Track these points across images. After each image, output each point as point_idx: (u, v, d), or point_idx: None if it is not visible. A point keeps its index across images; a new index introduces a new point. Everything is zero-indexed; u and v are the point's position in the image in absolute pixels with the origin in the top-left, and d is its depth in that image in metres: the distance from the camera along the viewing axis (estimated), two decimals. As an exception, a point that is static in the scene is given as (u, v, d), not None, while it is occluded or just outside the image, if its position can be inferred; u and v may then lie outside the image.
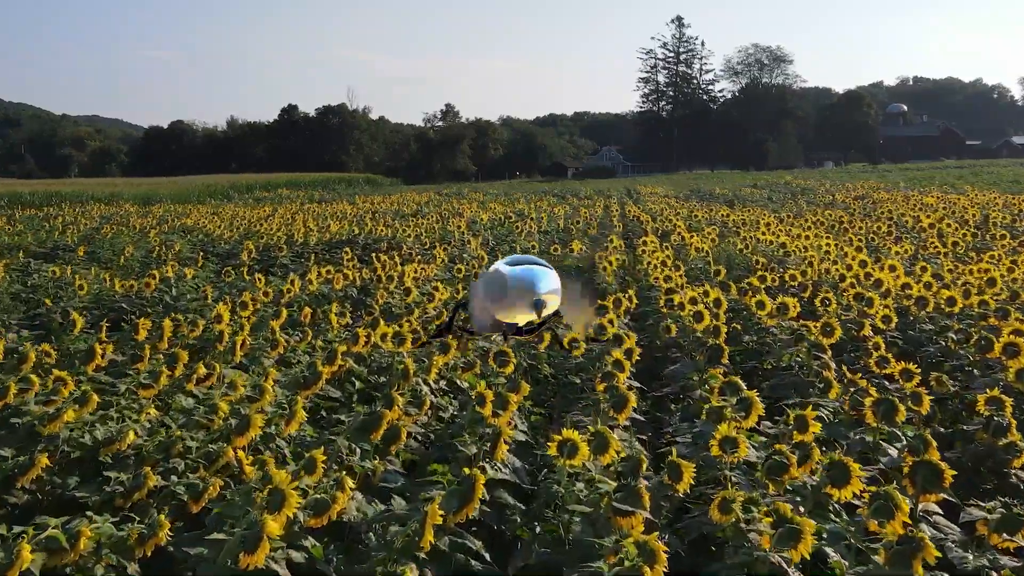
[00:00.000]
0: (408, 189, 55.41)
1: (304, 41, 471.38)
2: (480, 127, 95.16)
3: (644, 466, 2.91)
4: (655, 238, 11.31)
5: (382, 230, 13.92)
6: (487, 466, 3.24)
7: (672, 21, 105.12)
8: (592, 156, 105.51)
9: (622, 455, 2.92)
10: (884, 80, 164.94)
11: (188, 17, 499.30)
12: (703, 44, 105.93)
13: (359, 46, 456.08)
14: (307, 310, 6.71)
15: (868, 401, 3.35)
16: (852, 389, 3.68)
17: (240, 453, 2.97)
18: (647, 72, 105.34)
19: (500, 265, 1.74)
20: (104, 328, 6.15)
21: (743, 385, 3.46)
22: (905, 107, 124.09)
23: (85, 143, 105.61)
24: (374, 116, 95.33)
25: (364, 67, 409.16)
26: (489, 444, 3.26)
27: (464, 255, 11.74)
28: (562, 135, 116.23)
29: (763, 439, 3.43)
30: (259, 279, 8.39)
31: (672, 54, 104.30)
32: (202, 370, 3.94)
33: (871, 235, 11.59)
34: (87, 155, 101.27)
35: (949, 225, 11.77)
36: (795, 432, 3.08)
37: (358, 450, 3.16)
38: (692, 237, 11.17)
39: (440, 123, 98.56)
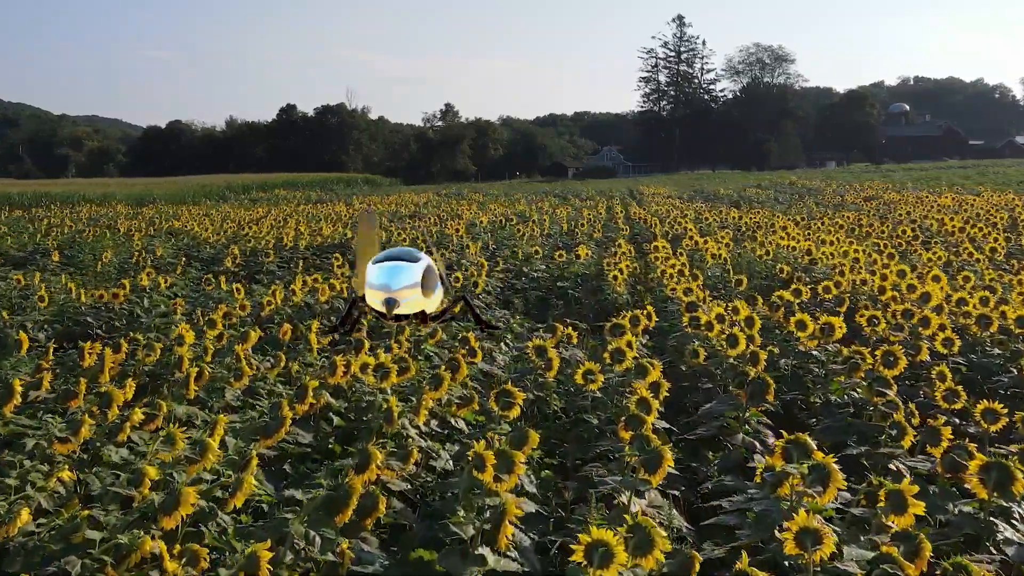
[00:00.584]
0: (407, 190, 54.70)
1: (304, 41, 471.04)
2: (480, 127, 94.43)
3: (697, 566, 2.18)
4: (666, 243, 10.58)
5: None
6: (487, 553, 2.51)
7: (673, 20, 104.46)
8: (592, 156, 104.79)
9: (667, 549, 2.18)
10: (885, 80, 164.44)
11: (188, 17, 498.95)
12: (704, 43, 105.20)
13: (359, 46, 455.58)
14: (286, 327, 5.98)
15: (973, 465, 2.62)
16: (948, 449, 2.94)
17: (161, 545, 2.25)
18: (648, 71, 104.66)
19: (371, 261, 1.89)
20: (52, 349, 5.42)
21: (812, 445, 2.72)
22: (907, 107, 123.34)
23: (83, 143, 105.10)
24: (374, 116, 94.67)
25: (364, 67, 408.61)
26: (490, 523, 2.53)
27: (463, 260, 11.00)
28: (562, 135, 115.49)
29: (832, 511, 2.71)
30: (238, 289, 7.66)
31: (673, 53, 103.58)
32: (137, 417, 3.20)
33: (896, 240, 10.86)
34: (84, 155, 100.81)
35: (980, 229, 11.05)
36: (891, 514, 2.35)
37: (318, 539, 2.43)
38: (706, 242, 10.44)
39: (440, 123, 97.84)
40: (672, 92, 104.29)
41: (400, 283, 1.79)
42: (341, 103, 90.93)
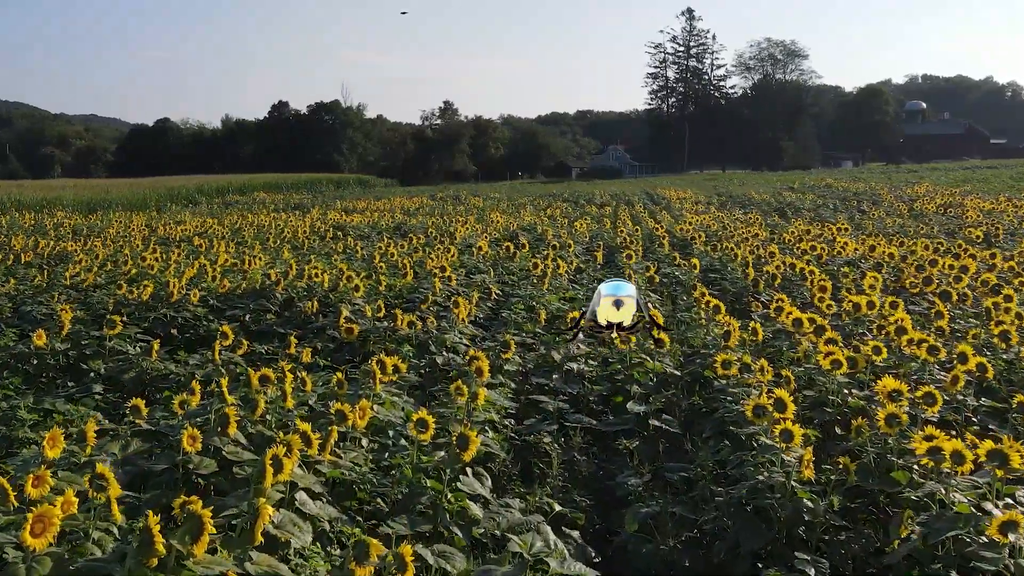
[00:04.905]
0: (402, 191, 50.26)
1: (306, 41, 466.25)
2: (480, 125, 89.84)
3: None
4: (815, 317, 5.93)
5: (318, 276, 8.58)
6: None
7: (682, 14, 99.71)
8: (597, 156, 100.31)
9: None
10: (892, 78, 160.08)
11: (188, 16, 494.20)
12: (714, 38, 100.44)
13: (359, 46, 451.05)
14: None
15: None
16: None
17: None
18: (656, 67, 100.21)
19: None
20: None
21: None
22: (924, 104, 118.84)
23: (70, 142, 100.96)
24: (372, 115, 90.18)
25: (364, 67, 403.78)
26: None
27: (446, 336, 6.37)
28: (565, 134, 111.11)
29: None
30: None
31: (682, 48, 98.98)
32: None
33: None
34: (71, 154, 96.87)
35: None
36: None
37: None
38: (900, 315, 5.69)
39: (438, 121, 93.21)
40: (681, 89, 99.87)
41: (624, 291, 3.12)
42: (335, 100, 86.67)
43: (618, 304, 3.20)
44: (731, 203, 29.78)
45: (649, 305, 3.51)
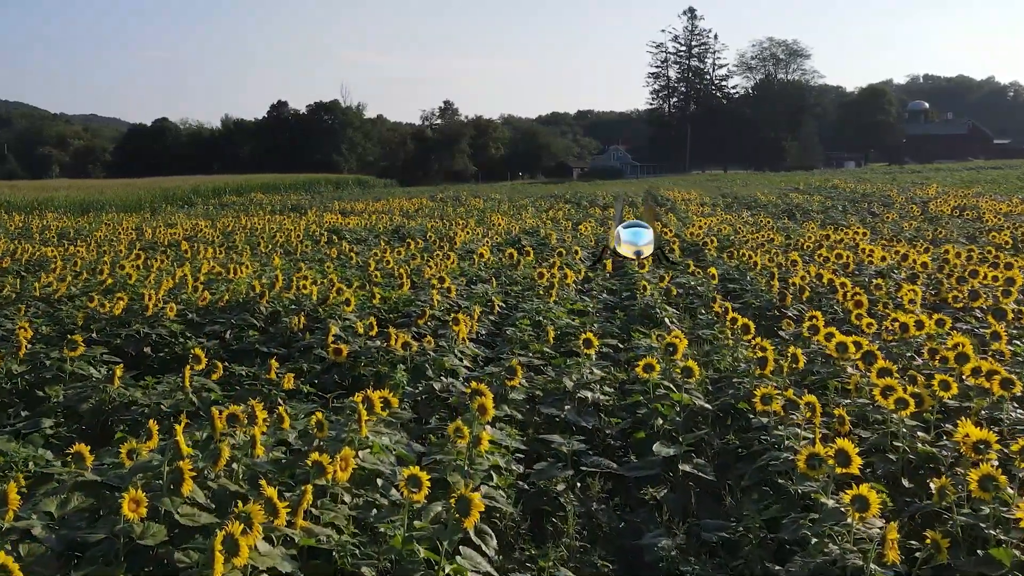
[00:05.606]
0: (402, 192, 49.60)
1: (306, 41, 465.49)
2: (480, 125, 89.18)
3: None
4: (836, 330, 5.30)
5: (307, 288, 7.96)
6: None
7: (684, 13, 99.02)
8: (598, 156, 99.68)
9: None
10: (894, 78, 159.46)
11: (188, 16, 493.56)
12: (716, 37, 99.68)
13: (359, 46, 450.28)
14: None
15: None
16: None
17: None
18: (657, 67, 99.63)
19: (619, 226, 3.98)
20: None
21: None
22: (927, 104, 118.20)
23: (68, 142, 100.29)
24: (372, 115, 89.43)
25: (364, 67, 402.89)
26: None
27: (445, 360, 5.73)
28: (565, 134, 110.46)
29: None
30: None
31: (684, 47, 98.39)
32: None
33: None
34: (69, 154, 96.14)
35: None
36: None
37: None
38: (959, 339, 4.96)
39: (439, 121, 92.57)
40: (683, 88, 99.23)
41: (644, 240, 4.67)
42: (335, 100, 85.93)
43: (639, 255, 4.16)
44: (737, 205, 29.14)
45: (663, 245, 3.49)
